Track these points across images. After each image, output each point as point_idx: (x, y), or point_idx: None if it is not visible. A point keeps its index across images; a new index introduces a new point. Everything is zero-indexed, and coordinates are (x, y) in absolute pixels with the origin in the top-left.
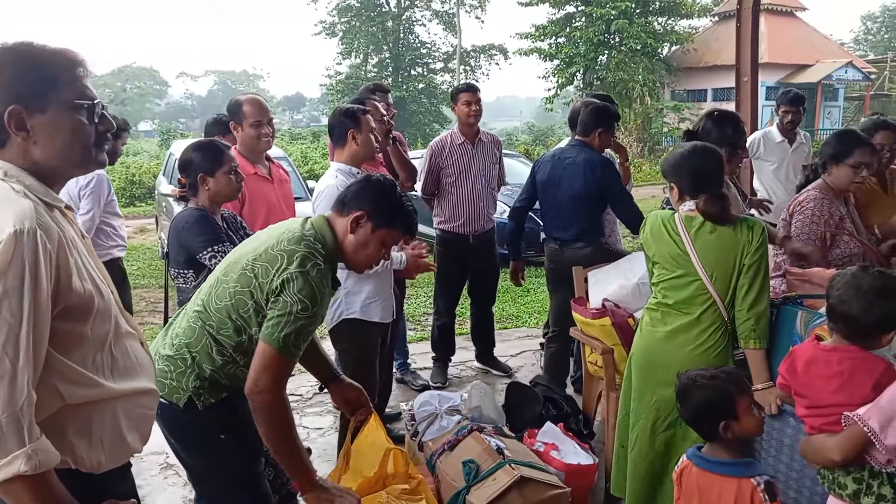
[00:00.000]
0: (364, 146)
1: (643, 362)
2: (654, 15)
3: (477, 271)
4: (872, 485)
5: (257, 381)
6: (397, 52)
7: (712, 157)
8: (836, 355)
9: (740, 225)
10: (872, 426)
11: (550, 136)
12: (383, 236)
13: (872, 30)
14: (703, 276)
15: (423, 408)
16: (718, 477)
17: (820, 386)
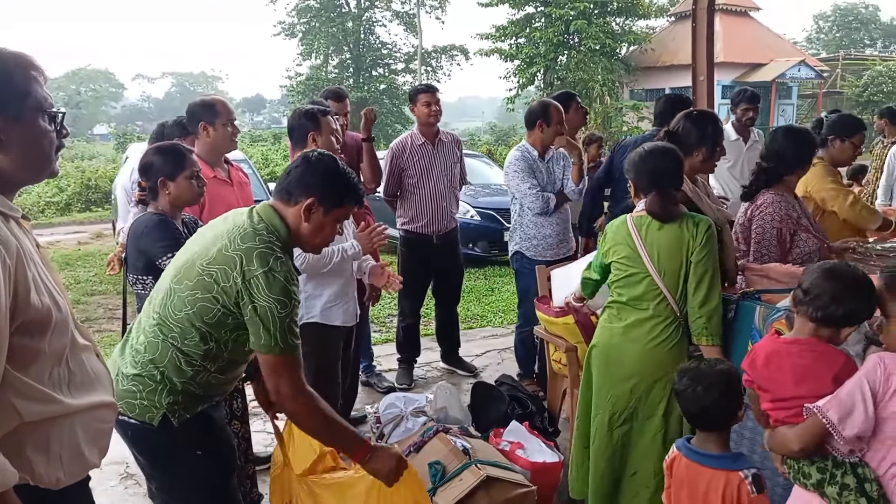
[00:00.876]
0: (324, 148)
1: (601, 358)
2: (612, 15)
3: (441, 271)
4: (836, 474)
5: (279, 390)
6: (358, 52)
7: (668, 158)
8: (797, 348)
9: (686, 222)
10: (831, 418)
11: (513, 135)
12: (337, 216)
13: (824, 29)
14: (653, 273)
15: (389, 410)
16: (707, 469)
17: (781, 379)
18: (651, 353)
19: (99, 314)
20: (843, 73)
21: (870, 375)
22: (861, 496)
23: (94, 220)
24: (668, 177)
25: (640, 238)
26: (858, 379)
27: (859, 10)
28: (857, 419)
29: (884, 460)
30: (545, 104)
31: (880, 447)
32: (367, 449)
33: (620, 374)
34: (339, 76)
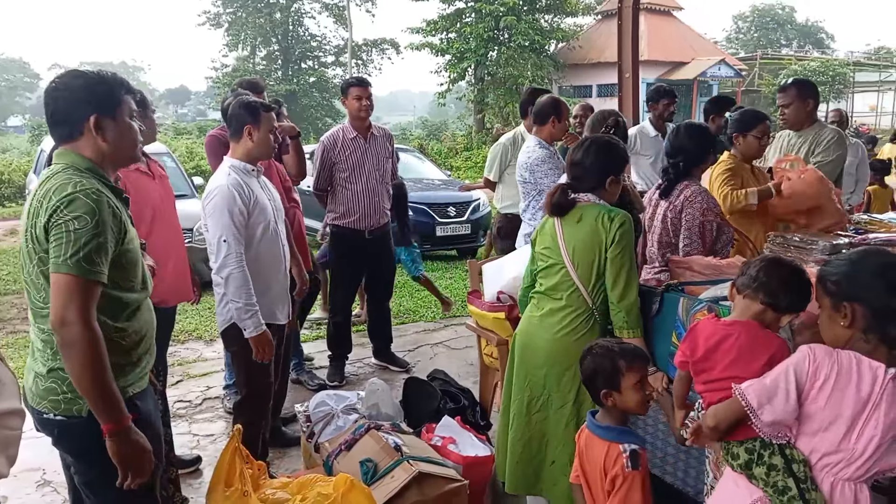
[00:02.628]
0: (260, 145)
1: (520, 345)
2: (540, 12)
3: (373, 267)
4: (763, 455)
5: (63, 316)
6: (286, 44)
7: (593, 152)
8: (736, 329)
9: (602, 217)
10: (750, 401)
11: (444, 130)
12: (123, 114)
13: (743, 29)
14: (567, 264)
15: (319, 408)
16: (598, 439)
17: (717, 359)
18: (561, 342)
19: (12, 314)
20: (761, 72)
21: (798, 366)
22: (788, 476)
23: (7, 217)
24: (590, 171)
25: (561, 230)
26: (785, 367)
27: (776, 11)
28: (776, 406)
29: (813, 452)
30: (556, 101)
31: (808, 439)
32: (120, 425)
33: (535, 362)
34: (268, 68)
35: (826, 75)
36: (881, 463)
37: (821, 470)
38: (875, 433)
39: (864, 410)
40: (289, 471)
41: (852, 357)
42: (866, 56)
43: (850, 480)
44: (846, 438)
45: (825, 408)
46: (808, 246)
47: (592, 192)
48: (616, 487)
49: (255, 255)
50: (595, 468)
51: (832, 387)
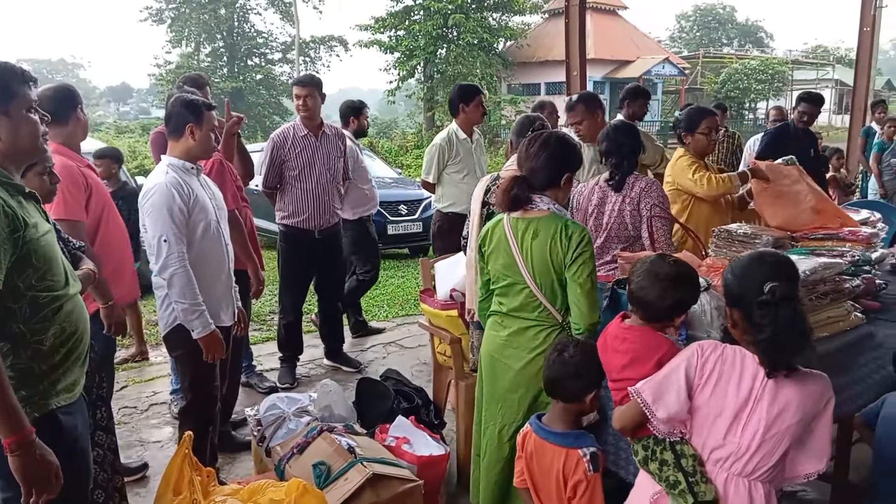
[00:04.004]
0: (201, 143)
1: (487, 369)
2: (488, 10)
3: (324, 267)
4: (656, 451)
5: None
6: (232, 41)
7: (553, 146)
8: (631, 333)
9: (559, 234)
10: (646, 399)
11: (394, 128)
12: (20, 108)
13: (686, 28)
14: (530, 284)
15: (270, 411)
16: (552, 445)
17: (616, 361)
18: (535, 363)
19: None
20: (703, 71)
21: (687, 361)
22: (678, 471)
23: None
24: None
25: (518, 248)
26: (676, 364)
27: (718, 10)
28: (669, 402)
29: (704, 447)
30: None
31: (699, 433)
32: (21, 437)
33: (507, 385)
34: (213, 65)
35: (766, 73)
36: (786, 469)
37: (714, 465)
38: (758, 427)
39: (746, 405)
40: (239, 476)
41: (737, 352)
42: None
43: (742, 476)
44: (731, 432)
45: (710, 401)
46: (751, 240)
47: (548, 189)
48: (580, 493)
49: (196, 254)
50: (548, 475)
51: (716, 381)
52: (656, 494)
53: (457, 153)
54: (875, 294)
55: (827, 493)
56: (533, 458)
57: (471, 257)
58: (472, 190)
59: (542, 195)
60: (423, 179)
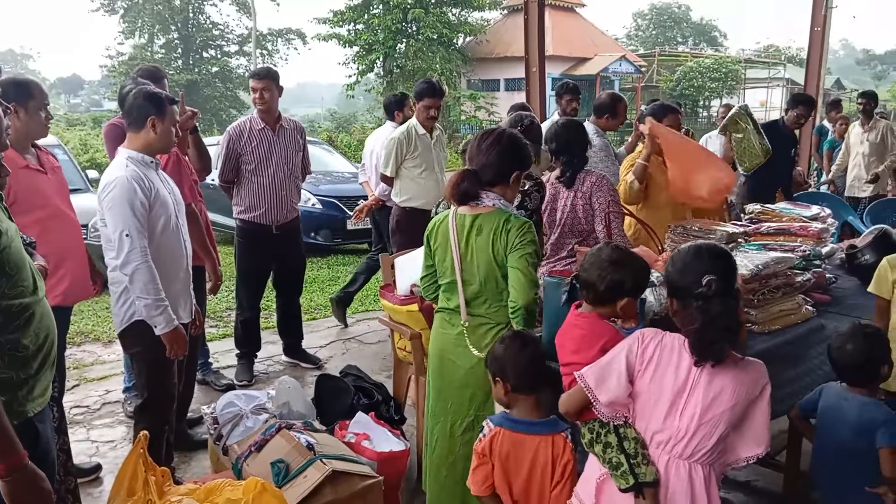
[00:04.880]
0: (162, 137)
1: (436, 366)
2: (448, 6)
3: (282, 262)
4: (601, 433)
5: None
6: (187, 32)
7: (504, 143)
8: (581, 320)
9: (499, 228)
10: (589, 383)
11: (353, 123)
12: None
13: (642, 26)
14: (475, 282)
15: (227, 409)
16: (532, 436)
17: (566, 347)
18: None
19: None
20: (659, 69)
21: (629, 348)
22: (620, 453)
23: None
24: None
25: (461, 242)
26: (618, 351)
27: (673, 9)
28: (610, 386)
29: (646, 430)
30: (615, 97)
31: (641, 416)
32: (15, 462)
33: (458, 383)
34: (167, 56)
35: (720, 72)
36: (724, 453)
37: (656, 447)
38: (695, 411)
39: (684, 390)
40: (196, 476)
41: (677, 340)
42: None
43: (682, 459)
44: (670, 416)
45: (650, 386)
46: (706, 235)
47: (496, 185)
48: (567, 473)
49: (156, 250)
50: (531, 467)
51: (655, 366)
52: (603, 475)
53: (415, 148)
54: (825, 287)
55: (780, 483)
56: (509, 457)
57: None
58: (431, 185)
59: (490, 191)
60: (382, 173)
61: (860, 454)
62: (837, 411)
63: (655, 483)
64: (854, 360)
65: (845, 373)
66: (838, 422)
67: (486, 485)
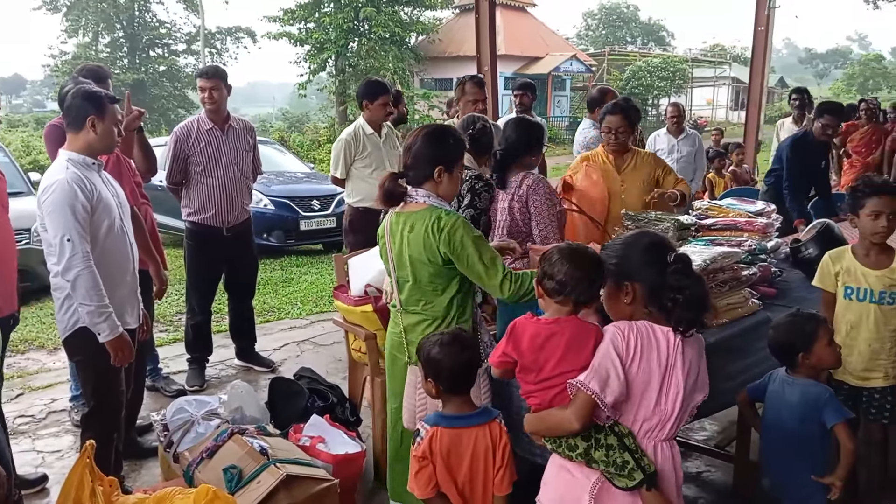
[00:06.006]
0: (103, 138)
1: (389, 365)
2: (400, 4)
3: (233, 265)
4: (599, 438)
5: None
6: (133, 31)
7: (421, 139)
8: (558, 326)
9: (431, 227)
10: (594, 388)
11: (306, 122)
12: None
13: (592, 26)
14: (409, 278)
15: (178, 415)
16: (470, 429)
17: (548, 358)
18: None
19: None
20: (609, 68)
21: (614, 343)
22: (624, 451)
23: None
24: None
25: (393, 240)
26: (606, 348)
27: (622, 9)
28: (613, 385)
29: (634, 422)
30: (604, 92)
31: (630, 408)
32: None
33: (407, 381)
34: (112, 55)
35: (668, 71)
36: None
37: (643, 437)
38: (678, 389)
39: (666, 373)
40: (146, 484)
41: (647, 326)
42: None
43: (664, 440)
44: (658, 402)
45: (638, 376)
46: (657, 224)
47: (423, 184)
48: (506, 455)
49: (99, 255)
50: (473, 459)
51: (640, 355)
52: (596, 485)
53: (364, 148)
54: (771, 281)
55: (730, 473)
56: (450, 453)
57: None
58: None
59: (419, 189)
60: (332, 175)
61: (806, 439)
62: (781, 396)
63: (657, 471)
64: (776, 342)
65: (775, 356)
66: (783, 407)
67: (430, 486)
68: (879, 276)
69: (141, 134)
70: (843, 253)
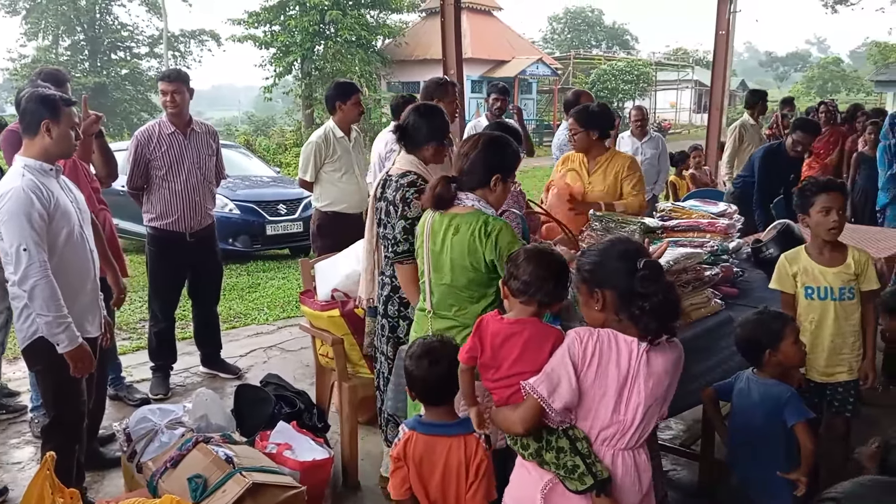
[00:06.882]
0: (59, 142)
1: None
2: (366, 8)
3: (197, 270)
4: (551, 440)
5: None
6: (94, 34)
7: (481, 146)
8: (519, 327)
9: (479, 230)
10: (541, 392)
11: (272, 126)
12: None
13: (557, 30)
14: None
15: (141, 425)
16: (445, 438)
17: (506, 357)
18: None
19: None
20: (575, 71)
21: (571, 349)
22: (575, 455)
23: None
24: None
25: (435, 242)
26: (561, 354)
27: (587, 13)
28: (563, 391)
29: (591, 429)
30: (579, 94)
31: (586, 414)
32: None
33: None
34: (73, 59)
35: (632, 74)
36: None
37: (601, 444)
38: (639, 401)
39: (626, 382)
40: (108, 496)
41: (610, 334)
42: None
43: (626, 449)
44: (616, 411)
45: (595, 383)
46: (623, 228)
47: (476, 190)
48: (481, 473)
49: (58, 263)
50: (445, 469)
51: (598, 363)
52: (547, 485)
53: (334, 151)
54: (733, 281)
55: (696, 471)
56: (423, 460)
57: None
58: (352, 188)
59: (469, 193)
60: (301, 178)
61: (772, 436)
62: (746, 396)
63: (610, 478)
64: (742, 340)
65: (744, 354)
66: (748, 406)
67: (403, 488)
68: (837, 273)
69: (101, 138)
70: (798, 254)
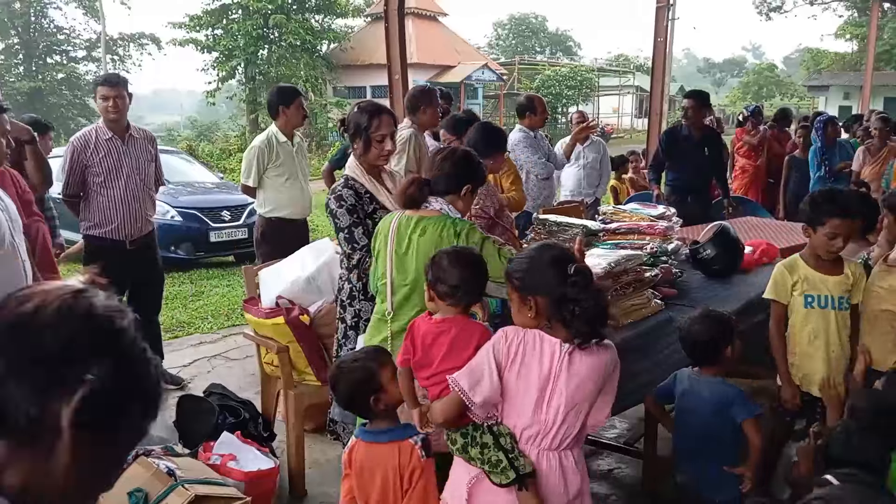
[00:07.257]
0: None
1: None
2: (310, 12)
3: (138, 279)
4: (476, 436)
5: None
6: (28, 37)
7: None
8: (446, 325)
9: (447, 230)
10: (462, 386)
11: (215, 131)
12: None
13: (502, 36)
14: (390, 282)
15: None
16: (382, 445)
17: (434, 354)
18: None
19: None
20: (520, 77)
21: (495, 346)
22: (498, 450)
23: None
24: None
25: (398, 242)
26: (486, 350)
27: (531, 20)
28: (484, 386)
29: (516, 426)
30: (532, 98)
31: (509, 413)
32: None
33: None
34: (7, 63)
35: (575, 80)
36: (584, 426)
37: (526, 442)
38: (560, 402)
39: (548, 383)
40: None
41: (536, 335)
42: (608, 63)
43: (551, 450)
44: (537, 410)
45: (517, 382)
46: (567, 230)
47: (446, 196)
48: (416, 480)
49: None
50: (384, 476)
51: (521, 362)
52: (473, 479)
53: (277, 156)
54: (672, 282)
55: (639, 469)
56: (363, 468)
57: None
58: (296, 194)
59: (439, 198)
60: (243, 183)
61: (719, 434)
62: (693, 394)
63: (534, 473)
64: (700, 339)
65: (694, 354)
66: (696, 404)
67: (348, 497)
68: (837, 282)
69: (33, 145)
70: (796, 262)
